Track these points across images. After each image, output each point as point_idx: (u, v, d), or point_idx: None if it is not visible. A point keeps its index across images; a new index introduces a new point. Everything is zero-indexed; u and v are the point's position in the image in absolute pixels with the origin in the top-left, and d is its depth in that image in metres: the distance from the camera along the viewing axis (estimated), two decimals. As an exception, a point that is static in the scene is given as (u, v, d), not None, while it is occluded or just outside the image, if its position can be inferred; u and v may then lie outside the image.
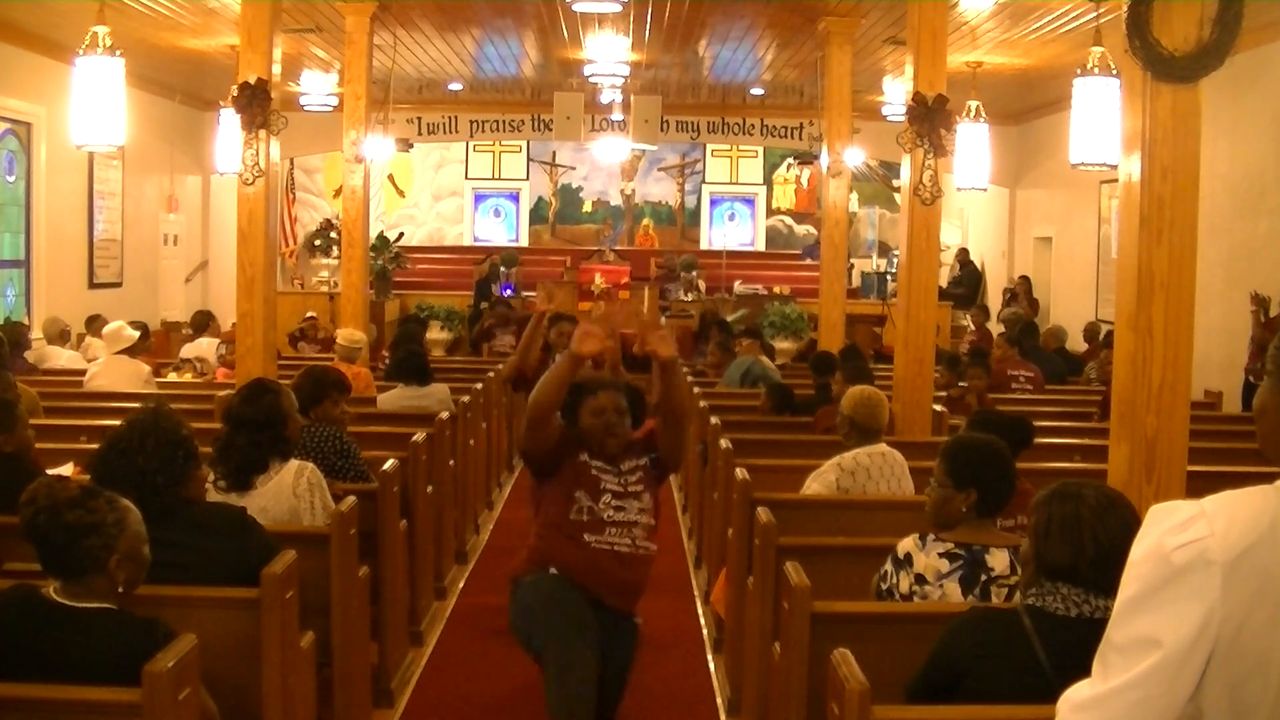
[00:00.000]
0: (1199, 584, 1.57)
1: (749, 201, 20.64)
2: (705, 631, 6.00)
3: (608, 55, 12.24)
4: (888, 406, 5.12)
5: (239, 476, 4.00)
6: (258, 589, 3.23)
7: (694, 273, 16.52)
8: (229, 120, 8.76)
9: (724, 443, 5.88)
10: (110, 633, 2.72)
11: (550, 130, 15.12)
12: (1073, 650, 2.39)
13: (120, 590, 2.81)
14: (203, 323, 10.58)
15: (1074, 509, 2.62)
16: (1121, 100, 4.18)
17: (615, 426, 3.93)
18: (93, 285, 12.59)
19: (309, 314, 12.91)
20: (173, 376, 9.27)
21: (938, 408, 7.25)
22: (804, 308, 13.70)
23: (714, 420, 6.62)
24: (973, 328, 14.20)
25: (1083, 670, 1.70)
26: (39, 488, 2.81)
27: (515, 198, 20.47)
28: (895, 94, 13.51)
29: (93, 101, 6.74)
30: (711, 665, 5.55)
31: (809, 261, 17.35)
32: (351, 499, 4.21)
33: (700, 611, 6.31)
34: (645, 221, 20.56)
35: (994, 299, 16.75)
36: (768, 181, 20.53)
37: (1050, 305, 15.30)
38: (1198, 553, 1.57)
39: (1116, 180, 4.19)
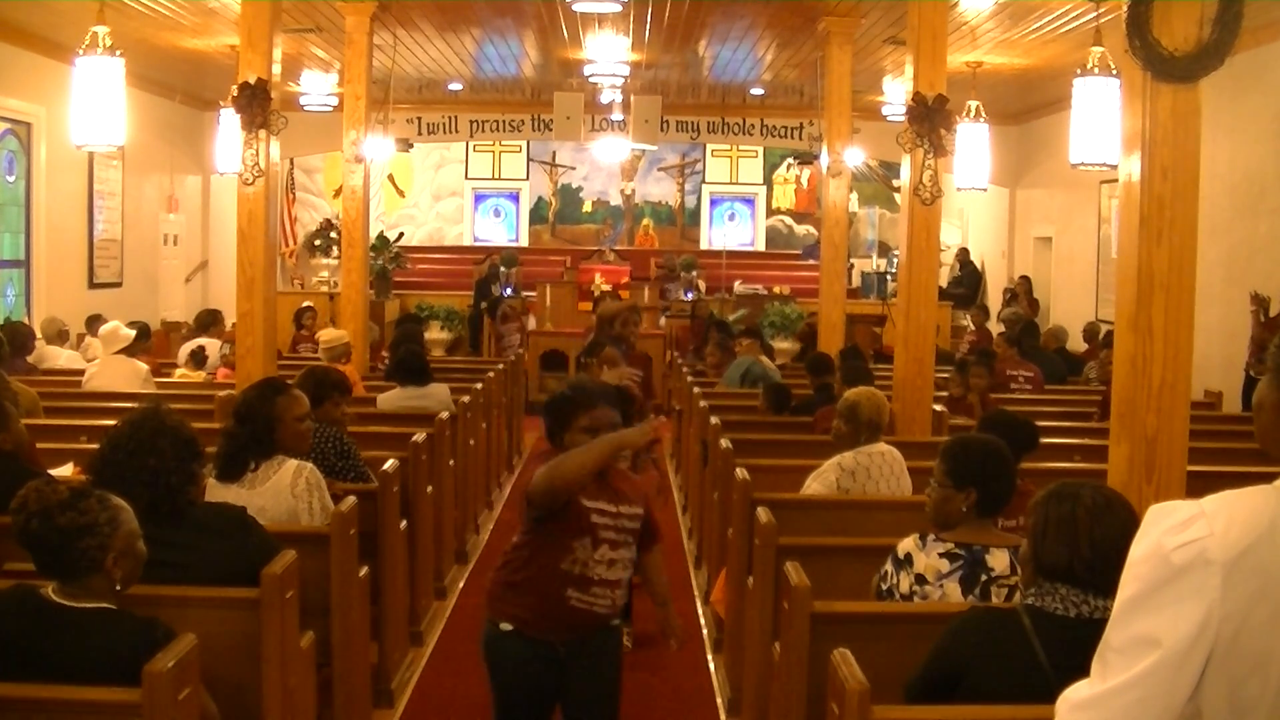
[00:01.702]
0: (1198, 584, 1.57)
1: (749, 201, 20.63)
2: (705, 631, 6.00)
3: (608, 55, 12.23)
4: (888, 406, 5.13)
5: (224, 466, 4.03)
6: (258, 589, 3.23)
7: (694, 273, 16.52)
8: (229, 120, 8.76)
9: (724, 443, 5.88)
10: (110, 633, 2.71)
11: (550, 130, 15.12)
12: (1072, 650, 2.39)
13: (118, 588, 2.80)
14: (207, 322, 10.41)
15: (1070, 510, 2.61)
16: (1121, 100, 4.18)
17: None
18: (93, 285, 12.59)
19: (305, 303, 12.83)
20: (180, 374, 9.26)
21: (938, 408, 7.25)
22: (803, 307, 13.70)
23: (714, 420, 6.62)
24: (973, 328, 14.17)
25: (1082, 670, 1.70)
26: (28, 493, 2.77)
27: (515, 198, 20.46)
28: (895, 94, 13.51)
29: (93, 101, 6.74)
30: (711, 665, 5.55)
31: (809, 261, 17.35)
32: (351, 499, 4.21)
33: (700, 611, 6.31)
34: (645, 221, 20.55)
35: (994, 299, 16.75)
36: (768, 181, 20.52)
37: (1050, 305, 15.29)
38: (1197, 553, 1.57)
39: (1116, 180, 4.19)
